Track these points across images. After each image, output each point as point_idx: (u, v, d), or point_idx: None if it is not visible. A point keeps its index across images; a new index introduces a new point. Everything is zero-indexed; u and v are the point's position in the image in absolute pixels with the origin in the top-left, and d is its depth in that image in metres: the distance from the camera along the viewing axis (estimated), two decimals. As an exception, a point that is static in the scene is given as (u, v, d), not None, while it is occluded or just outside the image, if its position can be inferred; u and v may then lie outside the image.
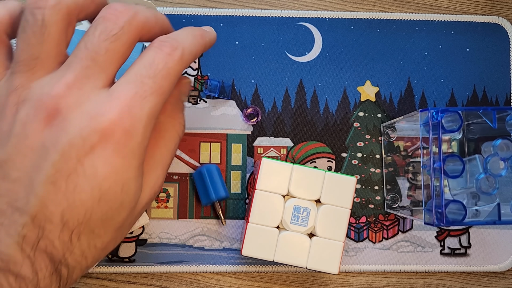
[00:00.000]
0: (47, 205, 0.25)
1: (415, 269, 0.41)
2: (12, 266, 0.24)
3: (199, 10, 0.41)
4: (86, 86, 0.26)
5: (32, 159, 0.25)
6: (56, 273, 0.25)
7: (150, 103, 0.26)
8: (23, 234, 0.24)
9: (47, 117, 0.25)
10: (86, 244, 0.26)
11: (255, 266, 0.40)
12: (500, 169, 0.34)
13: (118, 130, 0.25)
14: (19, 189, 0.25)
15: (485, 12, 0.43)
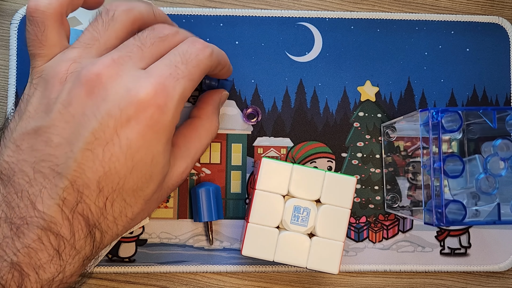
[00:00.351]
0: (85, 171, 0.27)
1: (415, 269, 0.41)
2: (53, 226, 0.26)
3: (199, 10, 0.41)
4: (127, 63, 0.28)
5: (73, 125, 0.27)
6: (91, 235, 0.28)
7: (182, 85, 0.28)
8: (63, 197, 0.27)
9: (89, 86, 0.27)
10: (118, 211, 0.28)
11: (255, 266, 0.40)
12: (500, 169, 0.34)
13: (153, 105, 0.27)
14: (60, 154, 0.27)
15: (485, 12, 0.43)
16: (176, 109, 0.28)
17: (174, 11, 0.41)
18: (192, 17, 0.41)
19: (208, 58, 0.30)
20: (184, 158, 0.33)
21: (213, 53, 0.31)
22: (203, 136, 0.34)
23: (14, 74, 0.40)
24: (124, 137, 0.27)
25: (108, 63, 0.28)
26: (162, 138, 0.28)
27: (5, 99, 0.40)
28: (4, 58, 0.40)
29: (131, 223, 0.30)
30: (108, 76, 0.27)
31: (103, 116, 0.27)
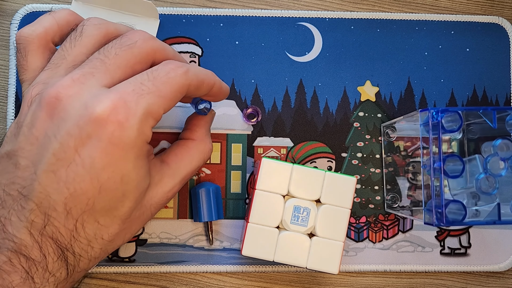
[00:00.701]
0: (50, 193, 0.26)
1: (415, 269, 0.41)
2: (23, 248, 0.26)
3: (199, 10, 0.41)
4: (89, 81, 0.27)
5: (37, 147, 0.27)
6: (63, 258, 0.27)
7: (146, 100, 0.27)
8: (31, 219, 0.26)
9: (49, 108, 0.27)
10: (92, 233, 0.28)
11: (255, 266, 0.40)
12: (500, 169, 0.34)
13: (112, 121, 0.26)
14: (26, 177, 0.27)
15: (485, 12, 0.43)
16: (141, 125, 0.27)
17: (174, 11, 0.41)
18: (192, 17, 0.41)
19: (181, 76, 0.29)
20: (172, 177, 0.32)
21: (189, 72, 0.29)
22: (195, 158, 0.34)
23: (14, 74, 0.40)
24: (86, 156, 0.26)
25: (67, 83, 0.27)
26: (129, 154, 0.27)
27: (5, 99, 0.40)
28: (4, 58, 0.40)
29: (109, 245, 0.29)
30: (67, 96, 0.27)
31: (62, 136, 0.26)
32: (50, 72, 0.29)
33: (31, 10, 0.40)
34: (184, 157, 0.33)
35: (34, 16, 0.40)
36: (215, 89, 0.32)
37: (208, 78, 0.31)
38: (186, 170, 0.33)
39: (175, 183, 0.32)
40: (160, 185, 0.31)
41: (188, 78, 0.29)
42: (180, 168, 0.32)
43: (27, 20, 0.40)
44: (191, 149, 0.34)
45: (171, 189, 0.32)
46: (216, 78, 0.32)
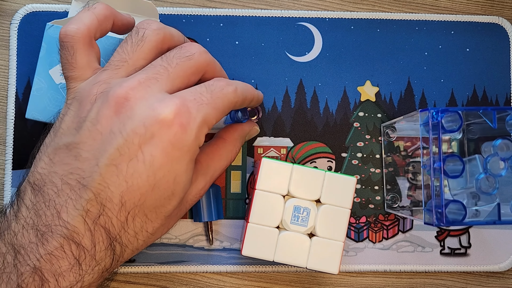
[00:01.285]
0: (109, 185, 0.28)
1: (415, 269, 0.41)
2: (75, 235, 0.28)
3: (199, 10, 0.41)
4: (154, 86, 0.30)
5: (100, 142, 0.28)
6: (111, 248, 0.29)
7: (205, 109, 0.30)
8: (87, 208, 0.28)
9: (117, 106, 0.29)
10: (139, 226, 0.29)
11: (255, 266, 0.40)
12: (500, 169, 0.34)
13: (176, 123, 0.28)
14: (87, 168, 0.28)
15: (485, 12, 0.43)
16: (198, 130, 0.29)
17: (174, 11, 0.41)
18: (192, 17, 0.41)
19: (232, 93, 0.31)
20: (204, 175, 0.33)
21: (237, 90, 0.32)
22: (224, 157, 0.35)
23: (14, 74, 0.39)
24: (148, 153, 0.28)
25: (134, 85, 0.29)
26: (185, 156, 0.29)
27: (5, 99, 0.40)
28: (4, 58, 0.40)
29: (151, 238, 0.31)
30: (134, 97, 0.29)
31: (128, 133, 0.28)
32: (111, 72, 0.31)
33: (31, 10, 0.40)
34: (214, 156, 0.34)
35: (34, 16, 0.40)
36: (254, 102, 0.35)
37: (251, 94, 0.34)
38: (215, 168, 0.34)
39: (207, 181, 0.34)
40: (195, 184, 0.33)
41: (237, 96, 0.32)
42: (210, 166, 0.34)
43: (27, 20, 0.40)
44: (220, 149, 0.35)
45: (203, 187, 0.33)
46: (255, 92, 0.35)
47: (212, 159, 0.34)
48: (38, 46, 0.37)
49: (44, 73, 0.36)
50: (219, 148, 0.35)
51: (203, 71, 0.32)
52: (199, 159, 0.33)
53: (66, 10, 0.40)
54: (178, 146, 0.28)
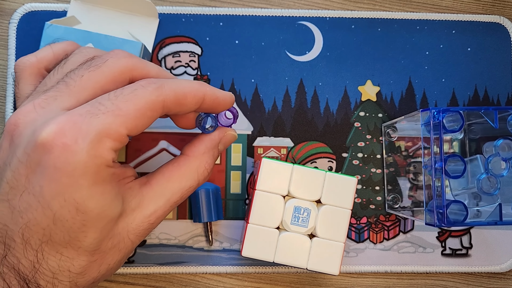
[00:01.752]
0: (7, 222, 0.25)
1: (416, 270, 0.40)
2: None
3: (199, 9, 0.41)
4: (50, 106, 0.26)
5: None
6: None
7: (101, 120, 0.25)
8: None
9: (9, 135, 0.26)
10: (56, 265, 0.26)
11: (255, 267, 0.40)
12: (501, 169, 0.34)
13: (57, 144, 0.24)
14: None
15: (487, 12, 0.43)
16: (93, 147, 0.24)
17: (173, 10, 0.41)
18: (192, 16, 0.41)
19: (151, 92, 0.26)
20: (154, 199, 0.29)
21: (163, 87, 0.27)
22: (185, 178, 0.30)
23: (12, 73, 0.39)
24: (36, 183, 0.24)
25: (28, 109, 0.26)
26: (80, 181, 0.24)
27: (4, 99, 0.40)
28: (3, 58, 0.40)
29: (80, 278, 0.27)
30: (25, 122, 0.26)
31: (14, 164, 0.25)
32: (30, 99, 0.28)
33: (30, 10, 0.40)
34: (172, 176, 0.29)
35: (33, 15, 0.40)
36: (208, 101, 0.29)
37: (194, 90, 0.28)
38: (173, 191, 0.29)
39: (158, 206, 0.29)
40: (138, 210, 0.28)
41: (162, 94, 0.27)
42: (165, 189, 0.29)
43: (26, 20, 0.40)
44: (181, 167, 0.30)
45: (153, 213, 0.28)
46: (206, 88, 0.29)
47: (169, 180, 0.29)
48: (37, 45, 0.37)
49: (42, 73, 0.36)
50: (180, 166, 0.30)
51: (127, 78, 0.28)
52: (150, 181, 0.29)
53: (65, 9, 0.40)
54: (65, 170, 0.24)
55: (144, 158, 0.40)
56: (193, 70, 0.40)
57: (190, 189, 0.30)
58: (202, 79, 0.40)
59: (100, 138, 0.25)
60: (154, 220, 0.29)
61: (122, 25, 0.39)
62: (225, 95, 0.30)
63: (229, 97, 0.30)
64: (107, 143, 0.25)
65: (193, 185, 0.30)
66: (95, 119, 0.25)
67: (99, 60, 0.28)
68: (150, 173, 0.30)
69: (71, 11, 0.39)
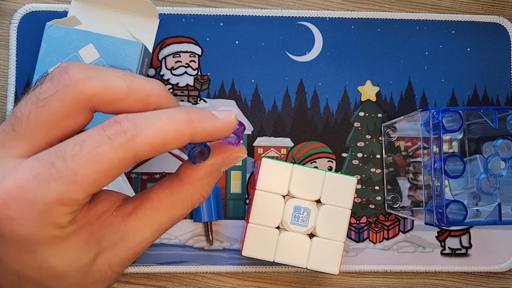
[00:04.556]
0: None
1: (415, 269, 0.40)
2: None
3: (199, 10, 0.41)
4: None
5: None
6: None
7: (52, 190, 0.21)
8: None
9: None
10: None
11: (255, 266, 0.40)
12: (501, 169, 0.34)
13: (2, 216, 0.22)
14: None
15: (486, 12, 0.43)
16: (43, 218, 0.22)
17: (174, 10, 0.41)
18: (192, 17, 0.41)
19: (118, 149, 0.21)
20: (141, 231, 0.25)
21: (134, 140, 0.22)
22: (176, 206, 0.26)
23: (13, 74, 0.39)
24: None
25: None
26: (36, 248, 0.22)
27: (5, 99, 0.40)
28: (4, 58, 0.40)
29: None
30: None
31: None
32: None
33: (30, 10, 0.40)
34: (161, 205, 0.25)
35: (34, 15, 0.40)
36: (198, 138, 0.23)
37: (178, 134, 0.22)
38: (162, 220, 0.25)
39: (144, 237, 0.25)
40: (121, 244, 0.25)
41: (133, 149, 0.22)
42: (153, 220, 0.25)
43: (27, 20, 0.40)
44: (173, 194, 0.25)
45: (138, 244, 0.25)
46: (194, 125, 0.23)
47: (158, 210, 0.25)
48: (38, 45, 0.37)
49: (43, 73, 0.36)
50: (172, 193, 0.25)
51: (86, 107, 0.23)
52: (136, 210, 0.25)
53: (66, 10, 0.40)
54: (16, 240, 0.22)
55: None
56: (193, 70, 0.41)
57: (181, 217, 0.26)
58: (202, 79, 0.40)
59: (50, 208, 0.22)
60: (140, 250, 0.26)
61: (123, 25, 0.39)
62: (221, 126, 0.24)
63: (227, 126, 0.24)
64: (60, 210, 0.22)
65: (185, 213, 0.26)
66: (44, 187, 0.21)
67: (48, 89, 0.23)
68: (138, 196, 0.26)
69: (71, 12, 0.39)
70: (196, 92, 0.40)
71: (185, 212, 0.26)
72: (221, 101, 0.40)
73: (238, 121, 0.25)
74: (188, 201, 0.26)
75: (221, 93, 0.40)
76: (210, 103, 0.40)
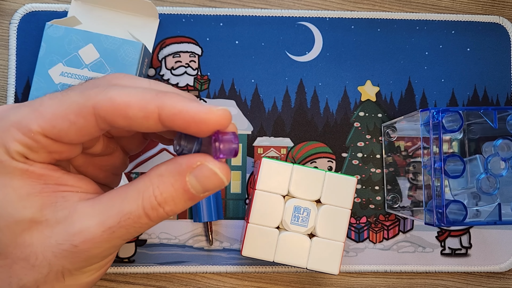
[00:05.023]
0: None
1: (415, 269, 0.40)
2: None
3: (199, 10, 0.41)
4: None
5: None
6: None
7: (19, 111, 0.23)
8: None
9: None
10: None
11: (255, 266, 0.40)
12: (500, 169, 0.34)
13: None
14: None
15: (486, 12, 0.43)
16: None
17: (173, 10, 0.41)
18: (192, 17, 0.41)
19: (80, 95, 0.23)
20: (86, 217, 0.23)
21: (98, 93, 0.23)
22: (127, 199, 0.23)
23: (13, 74, 0.39)
24: None
25: None
26: None
27: (5, 99, 0.40)
28: (3, 58, 0.40)
29: None
30: None
31: None
32: None
33: (30, 10, 0.40)
34: (116, 195, 0.24)
35: (33, 15, 0.40)
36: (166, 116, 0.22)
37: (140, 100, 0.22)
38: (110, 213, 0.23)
39: (86, 227, 0.23)
40: (63, 224, 0.23)
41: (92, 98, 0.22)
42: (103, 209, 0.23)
43: (26, 20, 0.40)
44: (130, 186, 0.24)
45: (78, 232, 0.23)
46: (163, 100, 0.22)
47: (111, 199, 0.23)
48: (38, 45, 0.37)
49: (43, 73, 0.36)
50: (129, 185, 0.24)
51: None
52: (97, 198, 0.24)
53: (66, 10, 0.40)
54: None
55: (144, 158, 0.40)
56: (193, 70, 0.41)
57: (130, 216, 0.23)
58: (202, 79, 0.40)
59: (8, 127, 0.22)
60: (79, 242, 0.23)
61: (123, 25, 0.39)
62: (196, 110, 0.22)
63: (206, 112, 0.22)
64: (14, 133, 0.22)
65: (133, 211, 0.23)
66: (15, 110, 0.23)
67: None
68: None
69: (71, 12, 0.39)
70: (196, 92, 0.40)
71: (132, 210, 0.23)
72: (221, 101, 0.40)
73: (232, 133, 0.22)
74: (138, 195, 0.23)
75: (221, 93, 0.40)
76: (210, 103, 0.40)
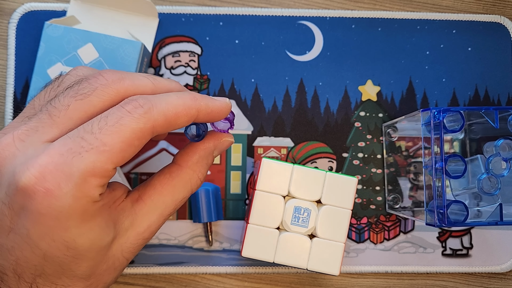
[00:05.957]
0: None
1: (416, 270, 0.40)
2: None
3: (199, 9, 0.41)
4: (30, 138, 0.25)
5: None
6: None
7: (85, 160, 0.23)
8: None
9: None
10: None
11: (255, 267, 0.40)
12: (502, 169, 0.34)
13: (39, 190, 0.23)
14: None
15: (487, 11, 0.43)
16: (78, 189, 0.23)
17: (173, 10, 0.40)
18: (192, 16, 0.41)
19: (138, 120, 0.24)
20: (147, 215, 0.28)
21: (152, 111, 0.25)
22: (178, 189, 0.29)
23: (12, 73, 0.39)
24: (21, 226, 0.24)
25: (7, 142, 0.25)
26: (69, 222, 0.24)
27: (3, 99, 0.40)
28: (2, 58, 0.40)
29: None
30: (4, 158, 0.24)
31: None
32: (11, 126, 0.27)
33: (29, 9, 0.40)
34: (164, 189, 0.28)
35: (32, 15, 0.39)
36: (202, 115, 0.27)
37: (186, 108, 0.26)
38: (166, 204, 0.28)
39: (152, 222, 0.28)
40: (132, 228, 0.27)
41: (150, 119, 0.25)
42: (158, 203, 0.28)
43: (25, 19, 0.39)
44: (174, 178, 0.29)
45: (146, 229, 0.28)
46: (199, 103, 0.27)
47: (161, 194, 0.28)
48: (37, 45, 0.37)
49: (42, 73, 0.36)
50: (172, 178, 0.29)
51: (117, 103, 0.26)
52: (142, 196, 0.28)
53: (65, 9, 0.40)
54: (50, 215, 0.23)
55: (144, 158, 0.40)
56: (193, 70, 0.40)
57: (183, 200, 0.29)
58: (202, 79, 0.40)
59: (85, 178, 0.24)
60: (148, 235, 0.28)
61: (122, 25, 0.39)
62: (220, 106, 0.28)
63: (225, 107, 0.28)
64: (93, 181, 0.24)
65: (186, 196, 0.29)
66: (78, 158, 0.23)
67: (87, 86, 0.26)
68: (142, 185, 0.29)
69: (70, 11, 0.39)
70: (195, 91, 0.40)
71: (186, 196, 0.29)
72: (221, 101, 0.40)
73: (232, 113, 0.29)
74: (188, 184, 0.29)
75: (221, 93, 0.40)
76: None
